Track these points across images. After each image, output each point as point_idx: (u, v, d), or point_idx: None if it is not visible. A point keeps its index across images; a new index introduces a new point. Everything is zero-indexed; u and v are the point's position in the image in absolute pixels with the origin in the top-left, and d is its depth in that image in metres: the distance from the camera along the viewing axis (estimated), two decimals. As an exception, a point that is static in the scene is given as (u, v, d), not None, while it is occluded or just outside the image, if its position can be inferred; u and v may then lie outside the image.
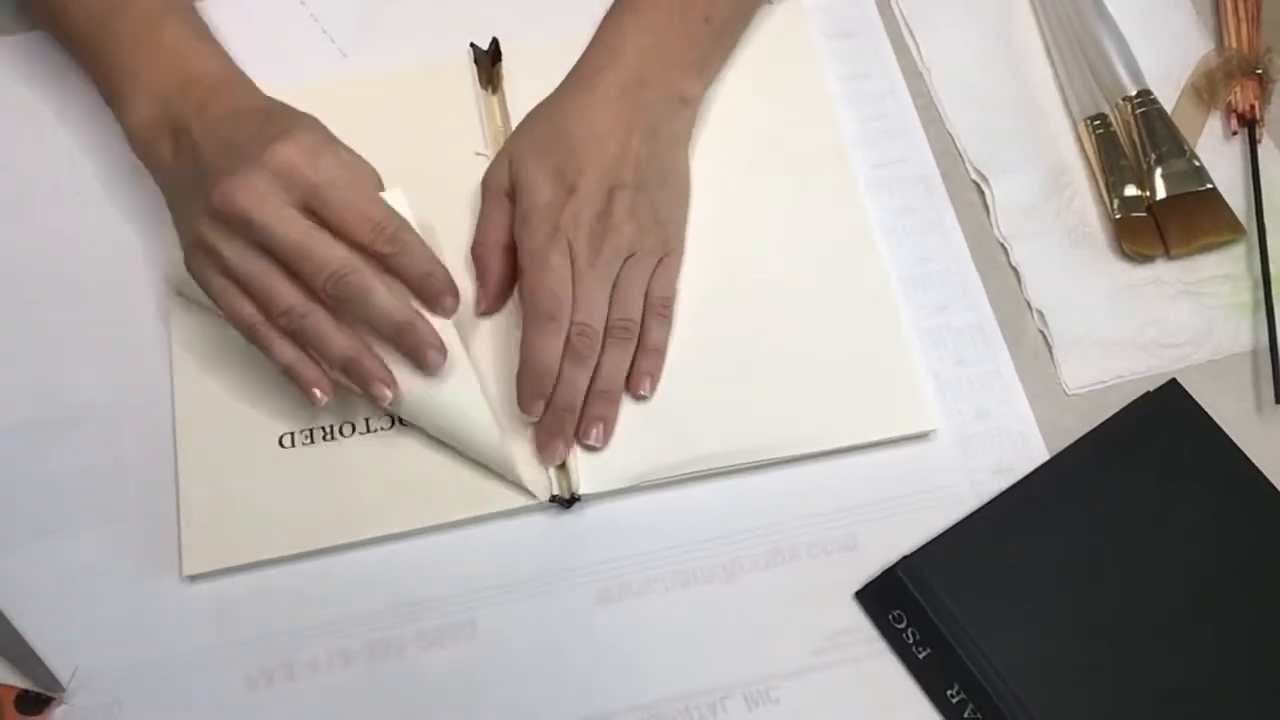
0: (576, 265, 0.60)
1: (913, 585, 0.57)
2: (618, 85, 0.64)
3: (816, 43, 0.74)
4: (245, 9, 0.73)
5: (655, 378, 0.62)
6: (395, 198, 0.59)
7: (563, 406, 0.60)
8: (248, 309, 0.56)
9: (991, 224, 0.69)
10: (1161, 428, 0.62)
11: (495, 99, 0.71)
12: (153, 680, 0.57)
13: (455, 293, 0.58)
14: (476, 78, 0.71)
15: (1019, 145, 0.71)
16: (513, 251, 0.63)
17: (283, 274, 0.55)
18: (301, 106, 0.65)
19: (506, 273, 0.63)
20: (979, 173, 0.70)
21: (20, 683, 0.56)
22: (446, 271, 0.58)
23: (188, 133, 0.59)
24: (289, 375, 0.57)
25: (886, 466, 0.62)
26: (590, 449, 0.60)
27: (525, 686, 0.57)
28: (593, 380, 0.60)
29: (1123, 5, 0.73)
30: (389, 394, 0.57)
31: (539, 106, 0.66)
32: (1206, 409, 0.63)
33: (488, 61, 0.71)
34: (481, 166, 0.68)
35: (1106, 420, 0.62)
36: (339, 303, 0.56)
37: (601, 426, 0.60)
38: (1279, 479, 0.61)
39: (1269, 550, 0.59)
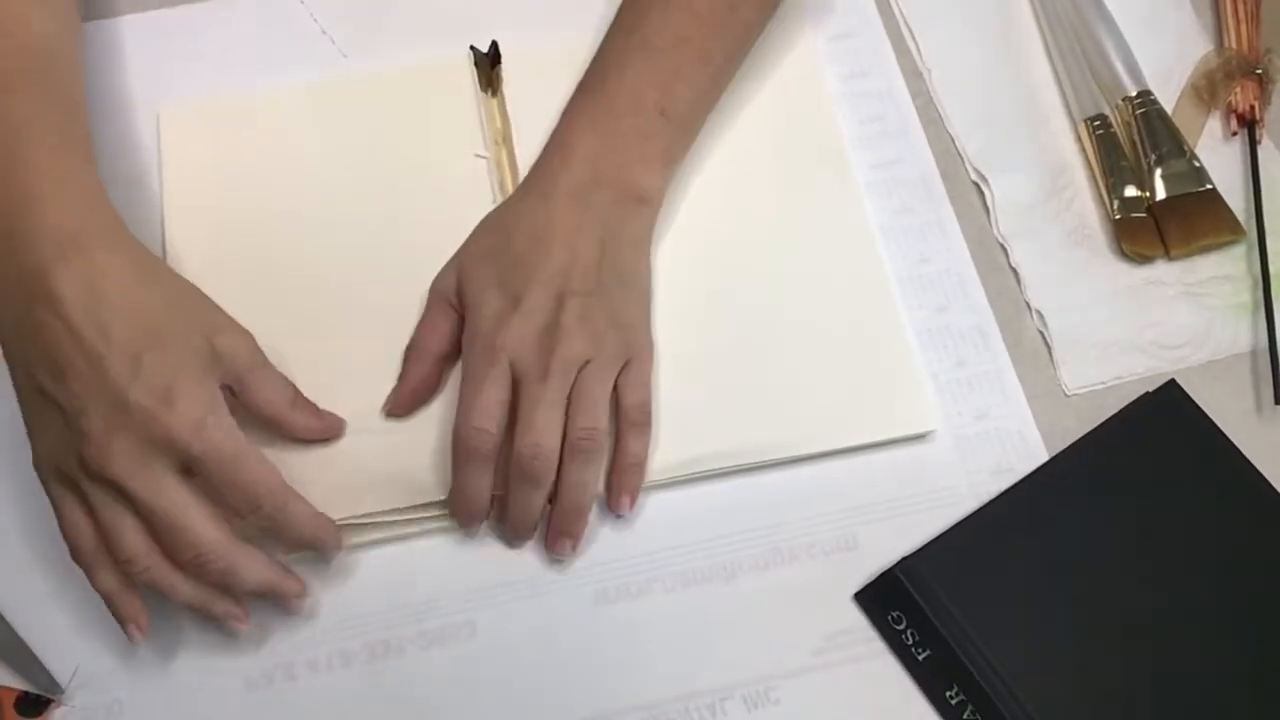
0: (523, 383, 0.57)
1: (912, 586, 0.57)
2: (568, 188, 0.61)
3: (816, 43, 0.74)
4: (246, 9, 0.73)
5: (635, 494, 0.59)
6: None
7: (515, 526, 0.58)
8: (87, 532, 0.53)
9: (991, 224, 0.69)
10: (1160, 428, 0.62)
11: (495, 101, 0.71)
12: (153, 681, 0.57)
13: (339, 546, 0.57)
14: (476, 80, 0.71)
15: (1019, 145, 0.71)
16: (444, 361, 0.61)
17: (139, 527, 0.53)
18: (301, 107, 0.65)
19: (430, 383, 0.61)
20: (978, 173, 0.70)
21: (20, 685, 0.56)
22: (334, 530, 0.57)
23: (30, 321, 0.53)
24: (108, 602, 0.54)
25: (886, 467, 0.62)
26: (558, 561, 0.59)
27: (525, 687, 0.57)
28: (558, 497, 0.58)
29: (1123, 5, 0.73)
30: (243, 629, 0.55)
31: (492, 213, 0.64)
32: (1206, 410, 0.63)
33: (487, 64, 0.71)
34: (481, 168, 0.68)
35: (1105, 421, 0.62)
36: (198, 578, 0.54)
37: (570, 543, 0.58)
38: (1279, 480, 0.61)
39: (1268, 551, 0.59)
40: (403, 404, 0.61)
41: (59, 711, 0.56)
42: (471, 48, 0.72)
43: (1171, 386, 0.64)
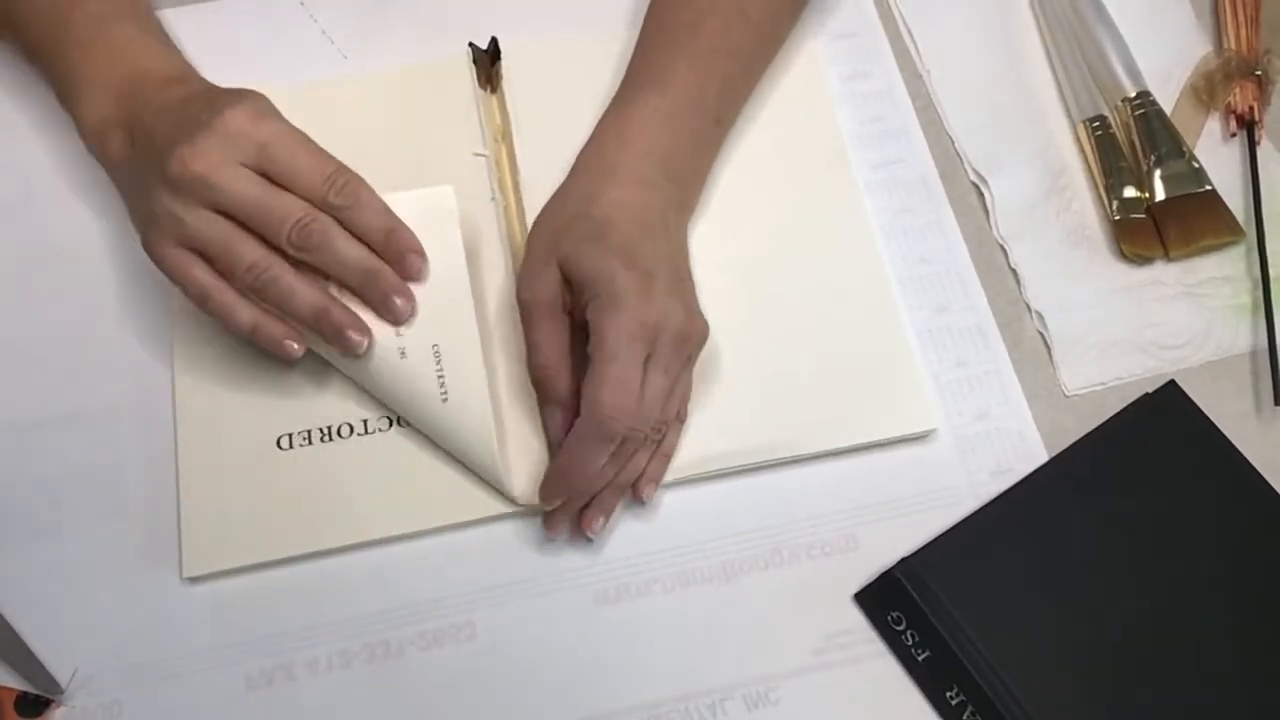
0: (651, 364, 0.56)
1: (911, 587, 0.57)
2: (643, 178, 0.61)
3: (817, 44, 0.74)
4: (245, 9, 0.73)
5: (659, 483, 0.60)
6: (444, 194, 0.60)
7: (581, 493, 0.58)
8: (201, 274, 0.56)
9: (990, 225, 0.69)
10: (1160, 429, 0.63)
11: (494, 99, 0.71)
12: (153, 682, 0.57)
13: (419, 248, 0.58)
14: (475, 77, 0.71)
15: (1018, 146, 0.71)
16: (576, 370, 0.58)
17: (244, 233, 0.55)
18: (302, 107, 0.65)
19: (576, 387, 0.58)
20: (978, 174, 0.70)
21: (20, 685, 0.56)
22: (408, 230, 0.58)
23: (140, 123, 0.59)
24: (255, 337, 0.57)
25: (886, 467, 0.62)
26: (586, 540, 0.59)
27: (525, 687, 0.57)
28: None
29: (1122, 7, 0.73)
30: (363, 341, 0.57)
31: (561, 200, 0.62)
32: (1206, 410, 0.63)
33: (486, 61, 0.71)
34: (480, 166, 0.68)
35: (1105, 422, 0.63)
36: (303, 252, 0.56)
37: (603, 519, 0.58)
38: (1278, 481, 0.61)
39: (1266, 551, 0.59)
40: (558, 431, 0.59)
41: (59, 712, 0.56)
42: (471, 45, 0.71)
43: (1171, 387, 0.64)
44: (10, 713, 0.55)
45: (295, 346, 0.57)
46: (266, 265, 0.55)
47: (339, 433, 0.61)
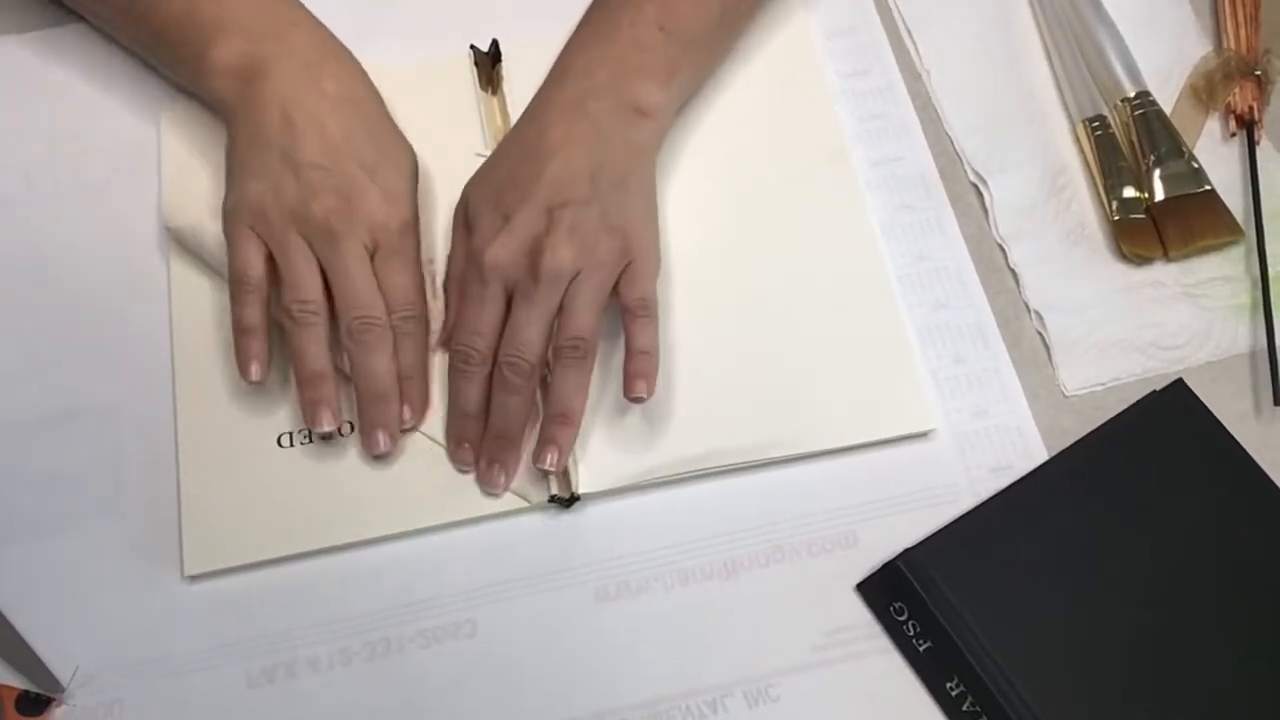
0: (515, 299, 0.59)
1: (914, 578, 0.57)
2: (561, 103, 0.63)
3: (816, 40, 0.74)
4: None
5: (649, 378, 0.59)
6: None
7: (495, 435, 0.59)
8: (256, 266, 0.59)
9: (990, 225, 0.69)
10: (1166, 427, 0.62)
11: (495, 100, 0.71)
12: (153, 680, 0.57)
13: (418, 408, 0.62)
14: (476, 79, 0.71)
15: (1017, 146, 0.71)
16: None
17: (319, 275, 0.59)
18: None
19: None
20: (977, 174, 0.70)
21: (20, 684, 0.56)
22: (426, 384, 0.62)
23: (291, 100, 0.61)
24: (241, 337, 0.59)
25: (885, 464, 0.62)
26: (546, 472, 0.59)
27: (525, 685, 0.57)
28: (547, 403, 0.59)
29: (1122, 6, 0.73)
30: (328, 427, 0.59)
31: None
32: (1205, 411, 0.63)
33: (488, 62, 0.71)
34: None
35: (1112, 419, 0.63)
36: (350, 338, 0.59)
37: (555, 451, 0.59)
38: (1278, 480, 0.61)
39: (1270, 549, 0.59)
40: (448, 336, 0.62)
41: (60, 710, 0.56)
42: (472, 46, 0.72)
43: (1178, 386, 0.64)
44: (11, 711, 0.55)
45: (256, 372, 0.59)
46: (315, 311, 0.59)
47: (339, 431, 0.61)
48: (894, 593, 0.58)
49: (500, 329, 0.59)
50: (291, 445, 0.61)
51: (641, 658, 0.57)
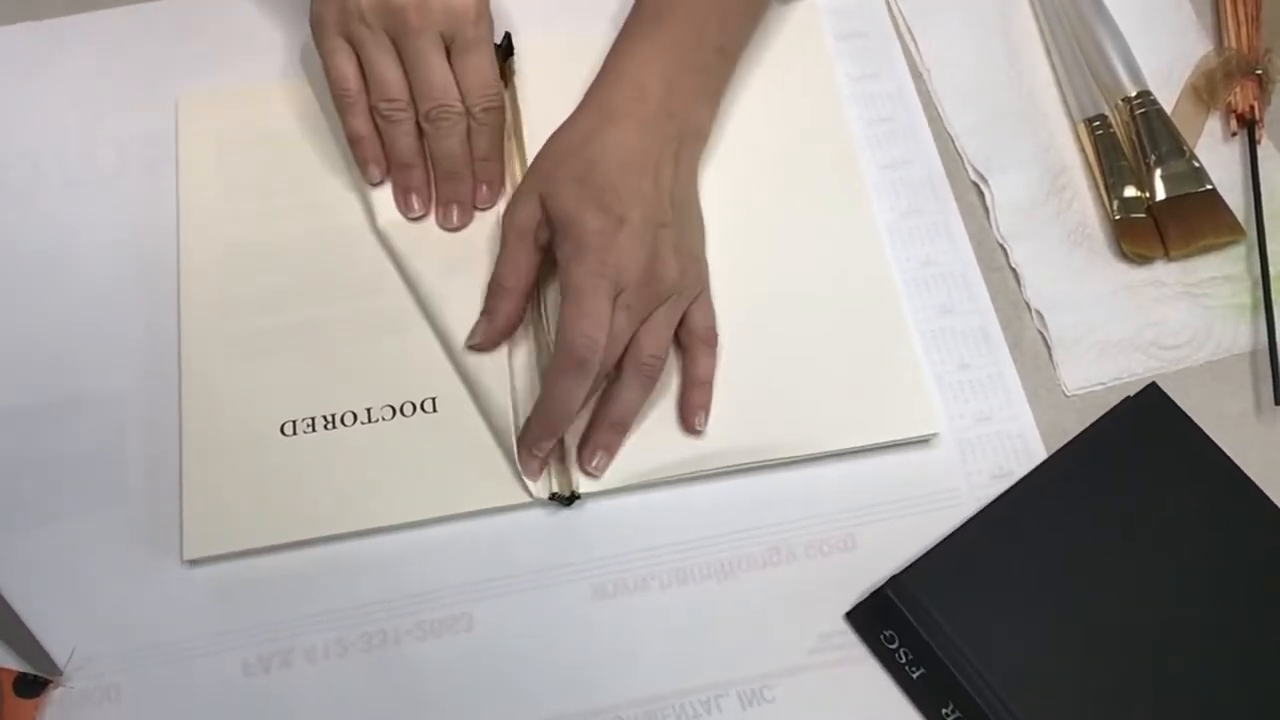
0: (618, 303, 0.58)
1: (902, 604, 0.57)
2: (641, 117, 0.62)
3: (827, 43, 0.74)
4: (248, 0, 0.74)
5: (708, 410, 0.61)
6: None
7: (550, 416, 0.59)
8: (350, 70, 0.64)
9: (991, 225, 0.69)
10: (1142, 432, 0.62)
11: (507, 94, 0.71)
12: (151, 665, 0.57)
13: (497, 187, 0.67)
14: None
15: (1018, 146, 0.71)
16: (529, 297, 0.63)
17: (401, 73, 0.64)
18: (318, 96, 0.67)
19: (516, 319, 0.62)
20: (978, 173, 0.70)
21: (19, 666, 0.57)
22: (501, 171, 0.67)
23: None
24: (354, 145, 0.66)
25: (887, 468, 0.62)
26: (590, 475, 0.60)
27: (521, 680, 0.57)
28: (607, 409, 0.60)
29: (1122, 6, 0.73)
30: (419, 210, 0.66)
31: (558, 137, 0.63)
32: (1205, 411, 0.62)
33: (500, 56, 0.72)
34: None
35: (1088, 427, 0.62)
36: (427, 123, 0.64)
37: (605, 455, 0.60)
38: (1279, 481, 0.60)
39: (1253, 551, 0.59)
40: (491, 339, 0.62)
41: (57, 693, 0.57)
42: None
43: (1151, 389, 0.63)
44: (9, 693, 0.56)
45: (375, 173, 0.66)
46: (402, 108, 0.64)
47: (342, 420, 0.61)
48: (883, 621, 0.57)
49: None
50: (294, 433, 0.61)
51: (637, 656, 0.58)
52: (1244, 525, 0.60)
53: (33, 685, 0.56)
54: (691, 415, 0.61)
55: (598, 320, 0.57)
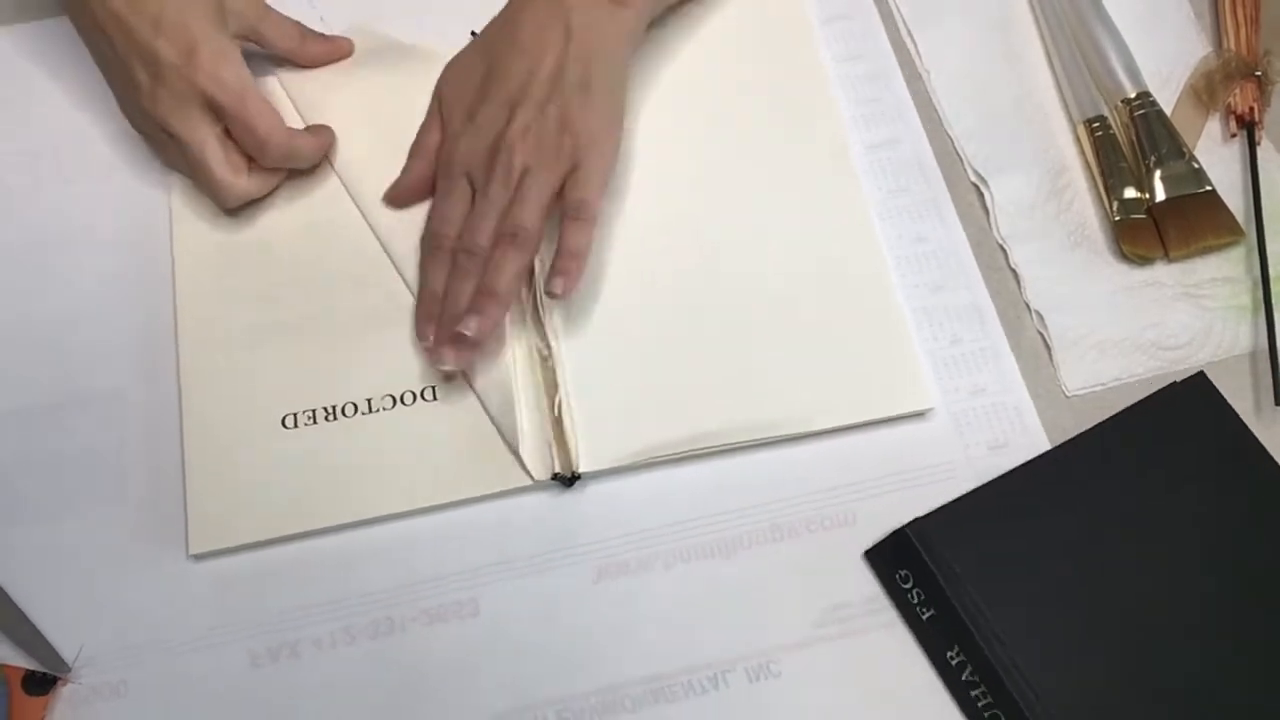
0: (476, 193, 0.63)
1: (921, 546, 0.57)
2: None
3: (812, 24, 0.75)
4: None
5: (570, 277, 0.61)
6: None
7: (449, 317, 0.61)
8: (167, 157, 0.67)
9: (991, 225, 0.69)
10: (1184, 418, 0.62)
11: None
12: (158, 659, 0.57)
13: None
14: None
15: (1018, 147, 0.71)
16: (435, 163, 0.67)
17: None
18: (307, 92, 0.67)
19: (428, 179, 0.66)
20: (978, 174, 0.70)
21: (26, 664, 0.57)
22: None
23: None
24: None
25: (884, 443, 0.62)
26: (462, 339, 0.60)
27: (527, 663, 0.57)
28: (482, 277, 0.61)
29: (1122, 7, 0.74)
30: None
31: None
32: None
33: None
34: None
35: (1130, 406, 0.63)
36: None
37: (477, 320, 0.60)
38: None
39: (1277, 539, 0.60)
40: (401, 197, 0.67)
41: (66, 690, 0.57)
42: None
43: (1199, 378, 0.64)
44: (18, 691, 0.56)
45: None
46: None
47: (343, 411, 0.61)
48: (900, 560, 0.58)
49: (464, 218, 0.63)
50: (295, 426, 0.61)
51: (643, 635, 0.58)
52: (1272, 515, 0.60)
53: (42, 683, 0.56)
54: (550, 278, 0.61)
55: (444, 218, 0.63)
